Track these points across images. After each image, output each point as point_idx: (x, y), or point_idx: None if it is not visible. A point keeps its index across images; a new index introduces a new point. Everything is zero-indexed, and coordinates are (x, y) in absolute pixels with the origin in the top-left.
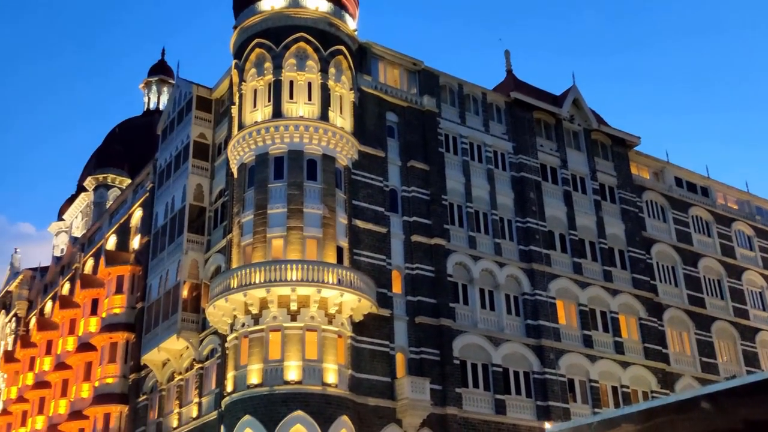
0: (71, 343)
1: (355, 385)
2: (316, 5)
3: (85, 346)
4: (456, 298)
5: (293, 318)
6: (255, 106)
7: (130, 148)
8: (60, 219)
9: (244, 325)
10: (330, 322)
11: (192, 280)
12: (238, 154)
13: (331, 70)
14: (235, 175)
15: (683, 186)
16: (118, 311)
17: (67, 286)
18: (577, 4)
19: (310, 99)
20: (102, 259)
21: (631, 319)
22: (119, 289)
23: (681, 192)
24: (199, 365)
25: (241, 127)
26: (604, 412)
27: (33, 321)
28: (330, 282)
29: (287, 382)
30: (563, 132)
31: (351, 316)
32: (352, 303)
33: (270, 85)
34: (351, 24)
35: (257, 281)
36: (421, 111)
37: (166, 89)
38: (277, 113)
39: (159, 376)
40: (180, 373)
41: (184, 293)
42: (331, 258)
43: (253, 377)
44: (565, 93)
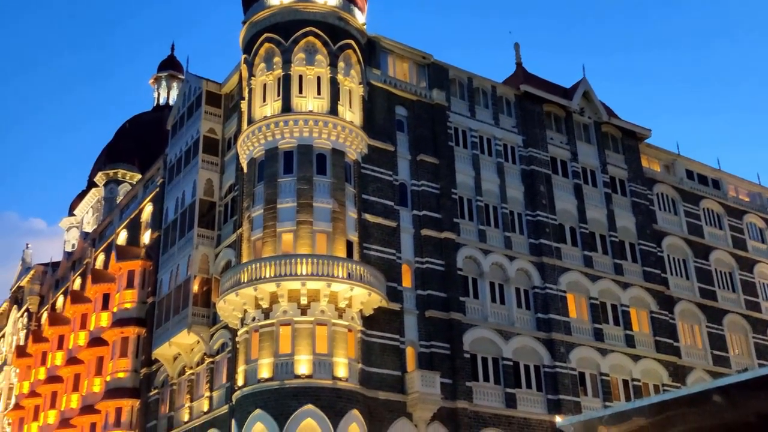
0: (83, 337)
1: (366, 379)
2: None
3: (96, 341)
4: (466, 292)
5: (303, 312)
6: (264, 101)
7: (140, 143)
8: (71, 214)
9: (254, 319)
10: (340, 316)
11: (202, 275)
12: (248, 148)
13: (341, 64)
14: (245, 170)
15: (694, 178)
16: (129, 306)
17: (78, 281)
18: None
19: (319, 93)
20: (113, 254)
21: (642, 313)
22: (130, 284)
23: (692, 184)
24: (210, 359)
25: (250, 121)
26: (615, 405)
27: (45, 316)
28: (340, 276)
29: (298, 376)
30: (573, 125)
31: (361, 310)
32: (362, 297)
33: (279, 79)
34: (360, 18)
35: (267, 275)
36: (430, 105)
37: (175, 85)
38: (286, 108)
39: (170, 371)
40: (191, 368)
41: (195, 288)
42: (340, 252)
43: (264, 371)
44: (575, 86)
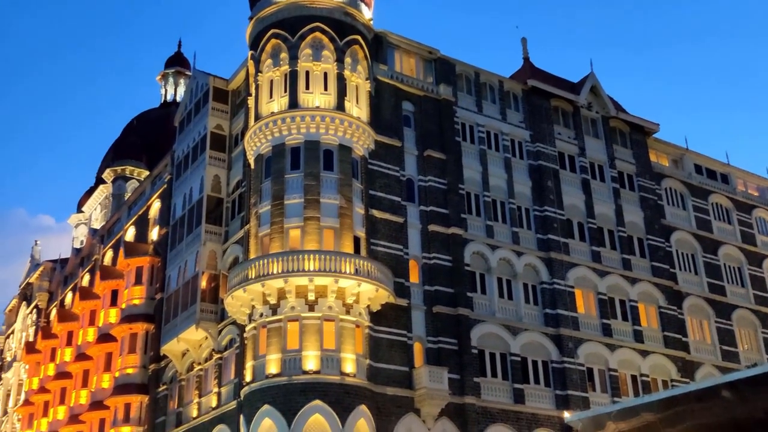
0: (91, 334)
1: (373, 374)
2: None
3: (105, 337)
4: (474, 288)
5: (311, 308)
6: (271, 97)
7: (147, 140)
8: (79, 211)
9: (262, 315)
10: (348, 312)
11: (210, 271)
12: (255, 144)
13: (347, 60)
14: (252, 166)
15: (703, 173)
16: (137, 302)
17: (86, 278)
18: None
19: (326, 89)
20: (121, 251)
21: (651, 308)
22: (138, 280)
23: (701, 179)
24: (218, 355)
25: (257, 117)
26: (624, 401)
27: (53, 312)
28: (347, 272)
29: (306, 372)
30: (581, 120)
31: (368, 306)
32: (370, 293)
33: (286, 75)
34: (366, 13)
35: (275, 271)
36: (437, 100)
37: (182, 81)
38: (293, 104)
39: (178, 367)
40: (199, 363)
41: (203, 284)
42: (348, 248)
43: (272, 367)
44: (582, 80)
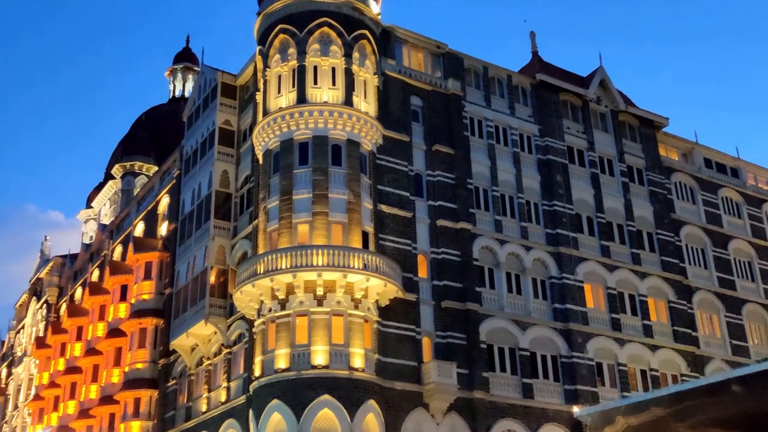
0: (101, 329)
1: (382, 369)
2: None
3: (114, 332)
4: (482, 283)
5: (319, 303)
6: (279, 92)
7: (156, 135)
8: (89, 207)
9: (270, 310)
10: (356, 307)
11: (219, 266)
12: (263, 140)
13: (355, 55)
14: (261, 161)
15: (713, 167)
16: (146, 297)
17: (96, 273)
18: None
19: (334, 84)
20: (130, 246)
21: (660, 302)
22: (148, 276)
23: (710, 173)
24: (227, 350)
25: (265, 113)
26: (633, 395)
27: (63, 307)
28: (356, 267)
29: (314, 367)
30: (590, 114)
31: (377, 301)
32: (378, 288)
33: (294, 70)
34: (374, 8)
35: (283, 266)
36: (445, 94)
37: (191, 77)
38: (301, 99)
39: (188, 361)
40: (208, 358)
41: (212, 279)
42: (356, 243)
43: (281, 362)
44: (591, 74)
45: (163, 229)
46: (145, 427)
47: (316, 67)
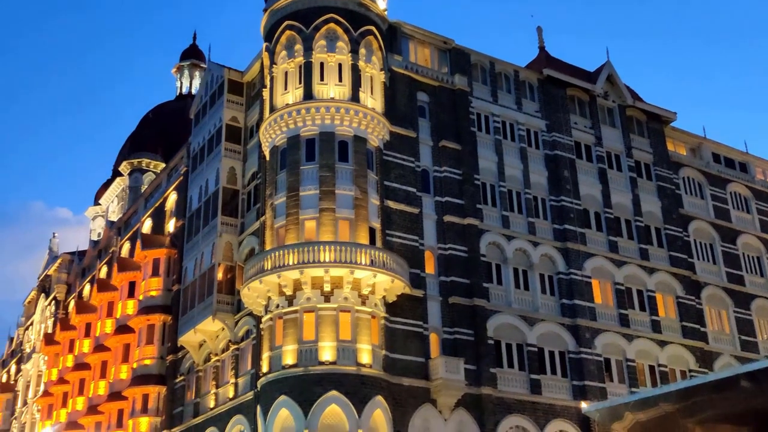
0: (109, 325)
1: (389, 365)
2: None
3: (123, 329)
4: (490, 278)
5: (327, 299)
6: (286, 89)
7: (163, 132)
8: (96, 203)
9: (278, 306)
10: (363, 303)
11: (226, 262)
12: (270, 136)
13: (362, 51)
14: (267, 158)
15: (721, 162)
16: (154, 294)
17: (104, 270)
18: None
19: (340, 80)
20: (138, 243)
21: (668, 298)
22: (155, 272)
23: (719, 168)
24: (235, 346)
25: (272, 109)
26: (642, 391)
27: (72, 304)
28: (363, 263)
29: (322, 363)
30: (597, 109)
31: (384, 297)
32: (385, 284)
33: (301, 67)
34: (381, 3)
35: (291, 263)
36: (452, 90)
37: (198, 74)
38: (308, 95)
39: (195, 358)
40: (216, 354)
41: (219, 275)
42: (363, 239)
43: (288, 358)
44: (598, 69)
45: (170, 225)
46: (153, 423)
47: (322, 64)
